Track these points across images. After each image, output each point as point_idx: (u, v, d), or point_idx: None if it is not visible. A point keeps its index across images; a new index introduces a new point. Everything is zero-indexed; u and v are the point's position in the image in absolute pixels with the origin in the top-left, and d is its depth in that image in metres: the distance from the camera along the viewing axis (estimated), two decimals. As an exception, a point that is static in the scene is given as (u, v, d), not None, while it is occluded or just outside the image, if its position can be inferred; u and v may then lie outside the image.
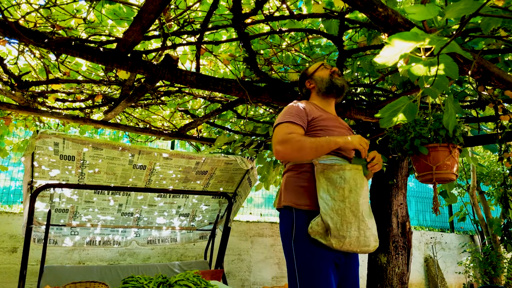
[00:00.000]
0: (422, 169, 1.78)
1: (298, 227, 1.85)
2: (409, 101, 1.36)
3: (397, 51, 1.09)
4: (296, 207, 1.89)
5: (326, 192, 1.81)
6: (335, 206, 1.77)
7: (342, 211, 1.76)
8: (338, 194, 1.79)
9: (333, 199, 1.79)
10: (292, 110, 2.00)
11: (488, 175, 7.12)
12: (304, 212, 1.87)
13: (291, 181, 1.98)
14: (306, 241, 1.82)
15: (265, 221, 5.95)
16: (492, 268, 6.42)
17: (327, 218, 1.76)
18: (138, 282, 2.84)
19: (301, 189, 1.93)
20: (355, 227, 1.76)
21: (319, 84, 2.19)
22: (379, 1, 1.61)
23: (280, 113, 2.04)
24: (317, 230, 1.78)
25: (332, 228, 1.74)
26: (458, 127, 1.71)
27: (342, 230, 1.74)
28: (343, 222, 1.75)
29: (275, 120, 2.06)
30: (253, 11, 2.12)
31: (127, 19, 2.63)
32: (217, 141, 3.92)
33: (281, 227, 1.97)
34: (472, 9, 0.99)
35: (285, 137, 1.86)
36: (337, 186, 1.80)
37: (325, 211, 1.77)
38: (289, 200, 1.93)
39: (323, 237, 1.77)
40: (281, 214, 1.99)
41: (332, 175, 1.82)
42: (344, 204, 1.77)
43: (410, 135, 1.75)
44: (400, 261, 3.87)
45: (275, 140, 1.89)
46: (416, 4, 1.07)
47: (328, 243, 1.75)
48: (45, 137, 2.91)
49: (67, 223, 3.72)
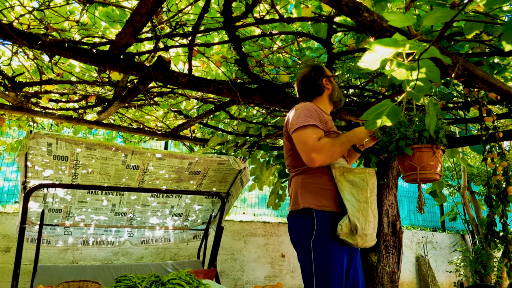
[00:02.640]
0: (407, 169, 1.83)
1: (319, 227, 1.93)
2: (392, 104, 1.41)
3: (378, 57, 1.13)
4: (317, 209, 1.96)
5: (351, 194, 1.94)
6: (360, 207, 1.91)
7: (365, 212, 1.91)
8: (362, 196, 1.93)
9: (358, 200, 1.92)
10: (311, 113, 2.02)
11: (479, 175, 7.21)
12: (326, 213, 1.96)
13: (308, 183, 2.04)
14: (326, 240, 1.92)
15: (258, 221, 5.99)
16: (482, 267, 6.50)
17: (354, 219, 1.89)
18: (131, 281, 2.87)
19: (321, 191, 2.01)
20: (373, 225, 1.93)
21: (336, 91, 2.27)
22: (365, 6, 1.66)
23: (295, 114, 2.05)
24: (345, 231, 1.90)
25: (359, 228, 1.88)
26: (442, 128, 1.76)
27: (366, 229, 1.89)
28: (366, 221, 1.90)
29: (291, 121, 2.05)
30: (244, 15, 2.17)
31: (120, 21, 2.66)
32: (210, 142, 3.96)
33: (297, 228, 2.02)
34: (448, 17, 1.04)
35: (318, 145, 1.91)
36: (360, 188, 1.94)
37: (352, 213, 1.90)
38: (308, 202, 1.99)
39: (349, 237, 1.90)
40: (297, 216, 2.03)
41: (354, 178, 1.96)
42: (367, 205, 1.92)
43: (395, 136, 1.80)
44: (390, 260, 3.93)
45: (307, 148, 1.92)
46: (395, 12, 1.12)
47: (355, 242, 1.89)
48: (38, 137, 2.93)
49: (60, 223, 3.74)
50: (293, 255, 5.97)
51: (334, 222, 1.95)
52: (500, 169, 2.28)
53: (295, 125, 1.99)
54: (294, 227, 2.05)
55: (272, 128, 3.98)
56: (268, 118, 4.11)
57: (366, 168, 1.98)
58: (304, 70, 2.31)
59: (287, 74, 2.96)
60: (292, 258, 5.94)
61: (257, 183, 4.50)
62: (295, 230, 2.03)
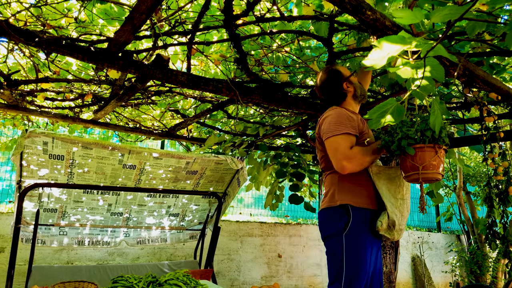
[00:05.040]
0: (409, 169, 1.82)
1: (355, 222, 2.02)
2: (397, 103, 1.40)
3: (385, 54, 1.12)
4: (354, 205, 2.04)
5: (389, 192, 2.03)
6: (397, 204, 2.02)
7: (402, 208, 2.02)
8: (400, 194, 2.04)
9: (395, 198, 2.03)
10: (342, 120, 2.06)
11: (474, 175, 7.23)
12: (362, 210, 2.05)
13: (345, 181, 2.11)
14: (360, 234, 2.01)
15: (255, 221, 5.97)
16: (478, 267, 6.52)
17: (393, 215, 1.99)
18: (128, 281, 2.84)
19: (357, 189, 2.09)
20: (406, 220, 2.06)
21: (358, 89, 2.28)
22: (368, 4, 1.64)
23: (327, 121, 2.09)
24: (385, 227, 2.00)
25: (396, 224, 1.99)
26: (444, 128, 1.75)
27: (402, 224, 2.02)
28: (402, 217, 2.02)
29: (324, 127, 2.10)
30: (244, 13, 2.14)
31: (118, 19, 2.63)
32: (208, 141, 3.93)
33: (331, 222, 2.10)
34: (457, 14, 1.03)
35: (350, 154, 1.96)
36: (398, 186, 2.04)
37: (391, 209, 2.00)
38: (346, 199, 2.07)
39: (387, 232, 2.01)
40: (332, 211, 2.11)
41: (391, 176, 2.05)
42: (403, 202, 2.04)
43: (398, 136, 1.79)
44: (387, 260, 3.93)
45: (339, 156, 1.97)
46: (403, 9, 1.11)
47: (392, 236, 2.01)
48: (34, 136, 2.89)
49: (55, 223, 3.70)
50: (290, 255, 5.96)
51: (371, 219, 2.05)
52: (501, 169, 2.28)
53: (328, 133, 2.05)
54: (327, 221, 2.13)
55: (270, 128, 3.96)
56: (266, 118, 4.09)
57: (399, 167, 2.05)
58: (322, 77, 2.31)
59: (286, 73, 2.95)
60: (288, 259, 5.93)
61: (254, 183, 4.48)
62: (329, 223, 2.11)
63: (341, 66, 2.34)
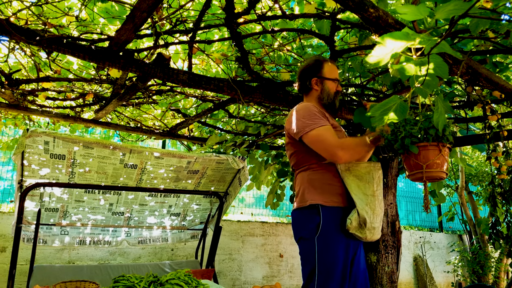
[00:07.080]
0: (413, 168, 1.80)
1: (325, 223, 1.94)
2: (400, 100, 1.38)
3: (389, 50, 1.11)
4: (324, 205, 1.97)
5: (358, 188, 1.96)
6: (368, 201, 1.93)
7: (373, 205, 1.94)
8: (369, 190, 1.95)
9: (365, 194, 1.95)
10: (314, 114, 2.00)
11: (477, 175, 7.21)
12: (332, 209, 1.97)
13: (315, 180, 2.03)
14: (332, 235, 1.94)
15: (256, 221, 5.96)
16: (480, 267, 6.51)
17: (363, 213, 1.91)
18: (129, 281, 2.83)
19: (327, 187, 2.01)
20: (380, 218, 1.96)
21: (324, 94, 2.16)
22: (371, 2, 1.63)
23: (300, 115, 2.02)
24: (355, 225, 1.92)
25: (367, 222, 1.90)
26: (448, 126, 1.73)
27: (374, 222, 1.93)
28: (374, 215, 1.93)
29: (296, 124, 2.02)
30: (246, 11, 2.13)
31: (119, 18, 2.62)
32: (209, 141, 3.92)
33: (302, 224, 2.03)
34: (462, 10, 1.01)
35: (342, 142, 1.91)
36: (367, 182, 1.96)
37: (361, 207, 1.92)
38: (315, 199, 1.99)
39: (358, 230, 1.92)
40: (302, 212, 2.03)
41: (360, 172, 1.98)
42: (374, 199, 1.95)
43: (401, 134, 1.77)
44: (389, 260, 3.91)
45: (330, 146, 1.89)
46: (407, 4, 1.09)
47: (363, 235, 1.92)
48: (35, 136, 2.88)
49: (57, 223, 3.70)
50: (291, 255, 5.94)
51: (342, 217, 1.97)
52: (505, 168, 2.26)
53: (305, 128, 1.96)
54: (299, 223, 2.05)
55: (271, 127, 3.95)
56: (268, 117, 4.08)
57: (371, 162, 1.99)
58: (307, 61, 2.26)
59: (288, 72, 2.94)
60: (290, 258, 5.92)
61: (255, 182, 4.47)
62: (300, 225, 2.04)
63: (333, 66, 2.21)
